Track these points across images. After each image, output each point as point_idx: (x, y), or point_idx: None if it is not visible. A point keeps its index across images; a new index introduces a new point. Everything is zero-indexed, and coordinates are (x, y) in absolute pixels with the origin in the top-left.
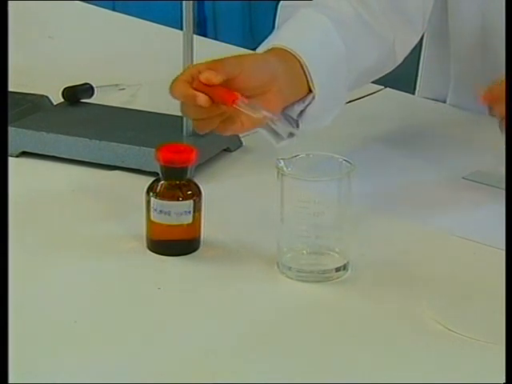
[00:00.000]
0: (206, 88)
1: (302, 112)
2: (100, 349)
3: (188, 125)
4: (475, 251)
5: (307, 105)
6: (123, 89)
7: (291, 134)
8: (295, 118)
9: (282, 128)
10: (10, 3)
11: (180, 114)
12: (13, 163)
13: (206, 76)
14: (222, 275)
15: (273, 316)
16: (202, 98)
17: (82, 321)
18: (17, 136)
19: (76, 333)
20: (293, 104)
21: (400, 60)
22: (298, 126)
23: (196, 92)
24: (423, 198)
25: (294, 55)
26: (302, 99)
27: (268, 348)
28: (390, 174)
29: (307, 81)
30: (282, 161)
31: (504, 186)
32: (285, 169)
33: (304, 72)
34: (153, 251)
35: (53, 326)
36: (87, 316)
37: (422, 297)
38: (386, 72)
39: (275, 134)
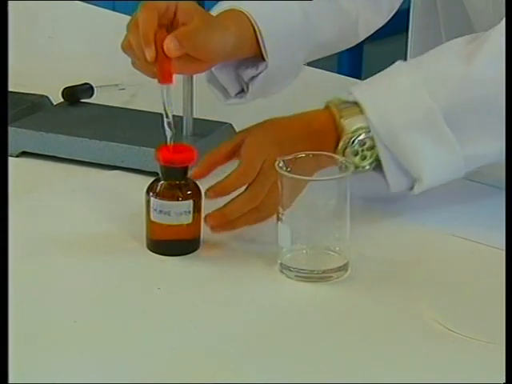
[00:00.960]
0: (160, 50)
1: (253, 76)
2: (100, 349)
3: (188, 125)
4: (475, 251)
5: (260, 72)
6: (123, 89)
7: (240, 94)
8: (246, 81)
9: (231, 86)
10: (10, 3)
11: (180, 114)
12: (13, 163)
13: (168, 45)
14: (222, 275)
15: (273, 316)
16: (150, 53)
17: (82, 321)
18: (17, 136)
19: (76, 333)
20: (246, 67)
21: (362, 38)
22: (248, 88)
23: (151, 42)
24: (423, 197)
25: (249, 20)
26: (255, 65)
27: (268, 348)
28: None
29: (259, 46)
30: (282, 161)
31: (504, 185)
32: (285, 169)
33: (257, 38)
34: (153, 251)
35: (53, 326)
36: (87, 316)
37: (422, 297)
38: (348, 47)
39: (224, 90)
